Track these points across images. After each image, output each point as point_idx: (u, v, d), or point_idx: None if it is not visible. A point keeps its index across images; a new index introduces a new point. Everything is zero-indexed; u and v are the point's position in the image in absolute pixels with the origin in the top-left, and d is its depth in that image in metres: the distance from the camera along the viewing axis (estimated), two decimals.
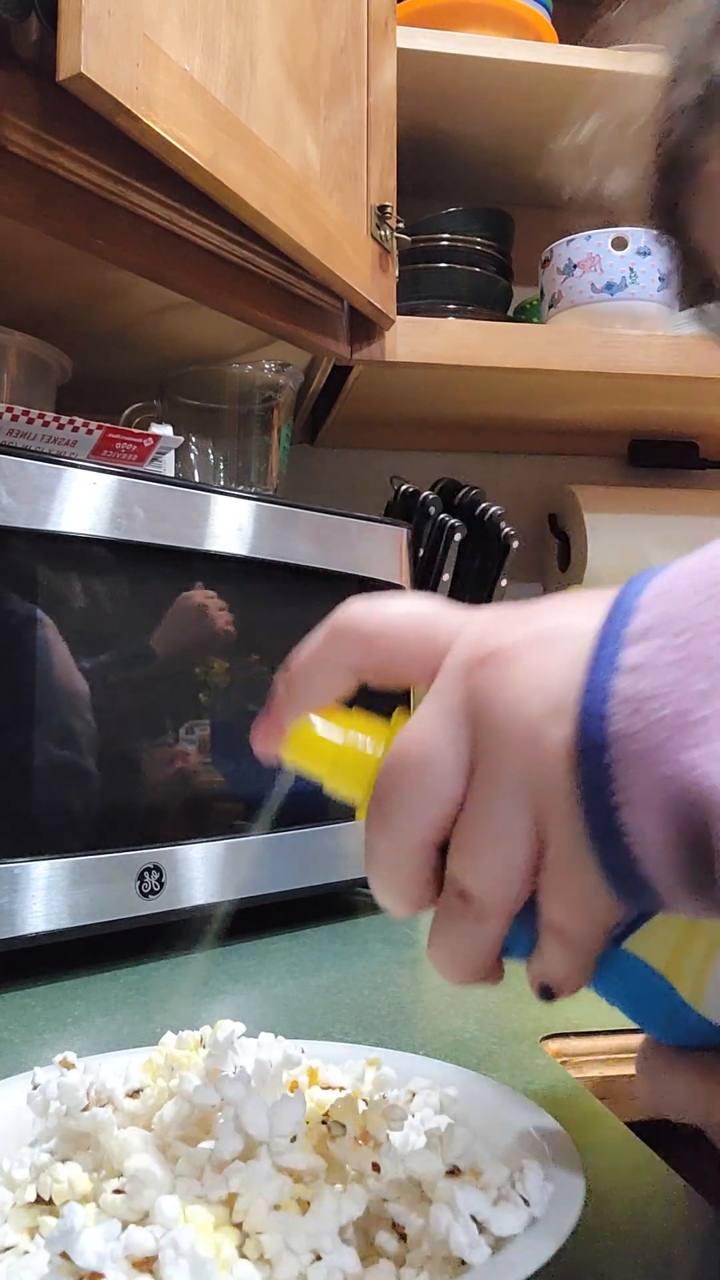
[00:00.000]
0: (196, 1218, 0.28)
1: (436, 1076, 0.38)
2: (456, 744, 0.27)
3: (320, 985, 0.62)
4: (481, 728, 0.26)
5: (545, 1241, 0.28)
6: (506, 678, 0.26)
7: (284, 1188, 0.29)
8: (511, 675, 0.26)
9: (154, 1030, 0.53)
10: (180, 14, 0.66)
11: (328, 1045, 0.40)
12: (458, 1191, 0.29)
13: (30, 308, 0.89)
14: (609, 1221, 0.34)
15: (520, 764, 0.25)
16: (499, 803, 0.26)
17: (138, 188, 0.71)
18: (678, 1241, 0.33)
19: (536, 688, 0.26)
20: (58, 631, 0.63)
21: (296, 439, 1.26)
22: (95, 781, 0.65)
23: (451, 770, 0.27)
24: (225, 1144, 0.30)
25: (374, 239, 0.93)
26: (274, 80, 0.78)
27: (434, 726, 0.27)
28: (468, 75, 1.09)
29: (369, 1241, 0.30)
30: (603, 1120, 0.42)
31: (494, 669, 0.26)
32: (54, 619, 0.63)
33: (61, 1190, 0.30)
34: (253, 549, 0.75)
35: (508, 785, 0.26)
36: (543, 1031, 0.53)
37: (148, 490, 0.68)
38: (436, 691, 0.28)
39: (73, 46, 0.57)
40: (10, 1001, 0.59)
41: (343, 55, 0.89)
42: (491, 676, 0.26)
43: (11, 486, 0.60)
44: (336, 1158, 0.32)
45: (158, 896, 0.67)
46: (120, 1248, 0.27)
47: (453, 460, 1.32)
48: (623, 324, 1.09)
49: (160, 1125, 0.33)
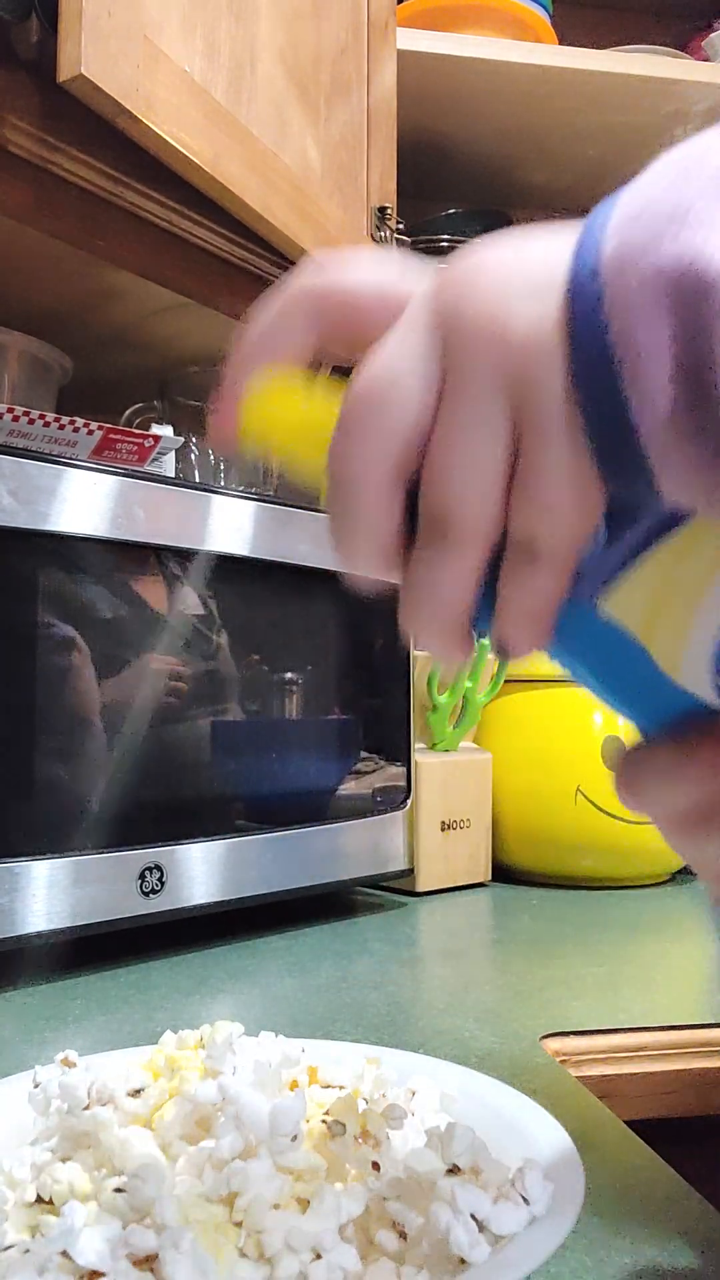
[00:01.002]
0: (197, 1216, 0.28)
1: (436, 1075, 0.38)
2: (425, 359, 0.25)
3: (320, 984, 0.62)
4: (449, 333, 0.24)
5: (545, 1240, 0.28)
6: (473, 281, 0.24)
7: (284, 1187, 0.29)
8: (478, 279, 0.24)
9: (154, 1029, 0.53)
10: (180, 15, 0.66)
11: (328, 1044, 0.41)
12: (458, 1190, 0.29)
13: (31, 308, 0.89)
14: (609, 1221, 0.34)
15: (493, 352, 0.24)
16: (472, 404, 0.24)
17: (138, 188, 0.71)
18: (677, 1241, 0.33)
19: (506, 281, 0.24)
20: (58, 632, 0.63)
21: None
22: (96, 781, 0.65)
23: (419, 383, 0.25)
24: (225, 1143, 0.30)
25: (374, 240, 0.93)
26: (274, 81, 0.78)
27: (399, 345, 0.25)
28: (467, 77, 1.09)
29: (369, 1240, 0.30)
30: (602, 1119, 0.42)
31: (458, 280, 0.25)
32: (54, 619, 0.63)
33: (61, 1191, 0.30)
34: (253, 549, 0.75)
35: (480, 380, 0.24)
36: (542, 1030, 0.53)
37: (148, 491, 0.68)
38: (402, 319, 0.26)
39: (73, 47, 0.57)
40: (11, 1000, 0.59)
41: (343, 57, 0.90)
42: (458, 289, 0.25)
43: (12, 487, 0.61)
44: (337, 1156, 0.32)
45: (158, 896, 0.67)
46: (121, 1246, 0.27)
47: None
48: None
49: (161, 1124, 0.33)
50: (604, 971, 0.64)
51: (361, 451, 0.25)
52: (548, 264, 0.24)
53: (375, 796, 0.84)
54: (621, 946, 0.71)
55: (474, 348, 0.24)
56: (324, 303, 0.28)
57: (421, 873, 0.90)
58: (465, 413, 0.24)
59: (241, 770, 0.74)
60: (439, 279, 0.26)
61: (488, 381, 0.24)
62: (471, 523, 0.25)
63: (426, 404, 0.25)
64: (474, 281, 0.24)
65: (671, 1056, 0.52)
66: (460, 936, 0.77)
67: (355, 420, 0.25)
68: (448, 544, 0.25)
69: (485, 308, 0.24)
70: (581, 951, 0.70)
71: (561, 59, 1.08)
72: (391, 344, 0.25)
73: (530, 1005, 0.57)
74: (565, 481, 0.24)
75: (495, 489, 0.24)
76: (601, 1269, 0.32)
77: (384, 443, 0.25)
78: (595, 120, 1.17)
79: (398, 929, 0.78)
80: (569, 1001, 0.58)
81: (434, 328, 0.25)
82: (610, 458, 0.23)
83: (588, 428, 0.23)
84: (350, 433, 0.25)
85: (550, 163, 1.27)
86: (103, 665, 0.66)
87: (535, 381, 0.23)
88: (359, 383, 0.26)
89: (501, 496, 0.24)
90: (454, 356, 0.24)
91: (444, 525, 0.25)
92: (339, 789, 0.81)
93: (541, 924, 0.80)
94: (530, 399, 0.23)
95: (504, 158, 1.25)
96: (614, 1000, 0.58)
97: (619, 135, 1.20)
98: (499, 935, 0.77)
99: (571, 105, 1.14)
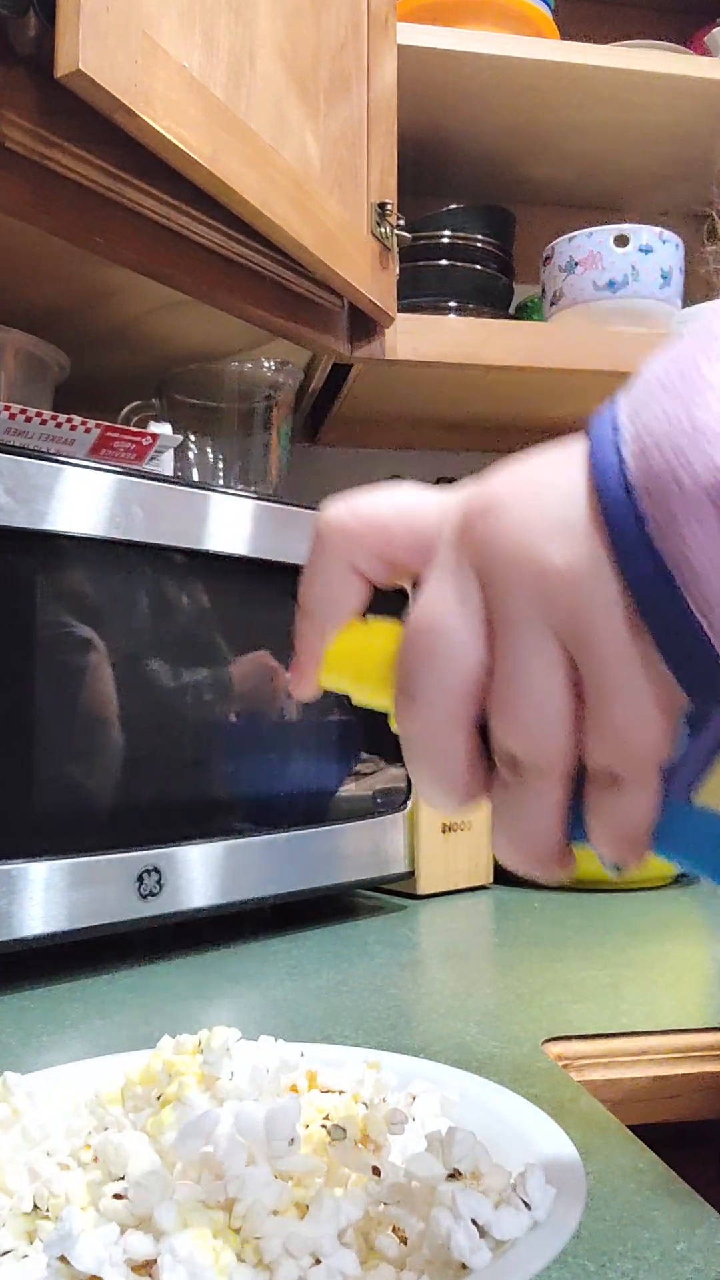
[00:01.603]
0: (196, 1223, 0.28)
1: (437, 1079, 0.38)
2: (467, 604, 0.25)
3: (320, 988, 0.62)
4: (487, 578, 0.25)
5: (547, 1245, 0.27)
6: (500, 522, 0.25)
7: (283, 1193, 0.29)
8: (505, 519, 0.25)
9: (152, 1033, 0.53)
10: (179, 10, 0.66)
11: (328, 1048, 0.40)
12: (459, 1195, 0.29)
13: (28, 306, 0.89)
14: (611, 1226, 0.34)
15: (535, 588, 0.24)
16: (522, 641, 0.24)
17: (136, 185, 0.70)
18: (681, 1247, 0.33)
19: (535, 518, 0.25)
20: (56, 632, 0.63)
21: (296, 437, 1.26)
22: (94, 782, 0.65)
23: (467, 631, 0.25)
24: (223, 1149, 0.30)
25: (374, 236, 0.93)
26: (273, 77, 0.77)
27: (439, 594, 0.26)
28: (468, 71, 1.08)
29: (369, 1245, 0.30)
30: (604, 1123, 0.42)
31: (486, 522, 0.25)
32: (52, 619, 0.63)
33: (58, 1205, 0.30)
34: (252, 549, 0.74)
35: (526, 617, 0.24)
36: (544, 1034, 0.52)
37: (146, 489, 0.68)
38: (436, 565, 0.27)
39: (71, 43, 0.57)
40: (8, 1004, 0.59)
41: (343, 52, 0.89)
42: (486, 529, 0.25)
43: (9, 485, 0.60)
44: (336, 1161, 0.31)
45: (157, 898, 0.66)
46: (119, 1252, 0.27)
47: (453, 459, 1.32)
48: (624, 322, 1.09)
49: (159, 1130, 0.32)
50: (606, 975, 0.64)
51: (425, 704, 0.26)
52: (565, 491, 0.25)
53: (376, 798, 0.83)
54: (624, 950, 0.71)
55: (517, 590, 0.25)
56: (360, 541, 0.29)
57: (422, 875, 0.89)
58: (520, 655, 0.25)
59: (241, 772, 0.74)
60: (462, 516, 0.26)
61: (537, 621, 0.24)
62: (546, 762, 0.25)
63: (479, 650, 0.25)
64: (499, 520, 0.25)
65: (675, 1060, 0.52)
66: (461, 939, 0.77)
67: (413, 678, 0.26)
68: (526, 783, 0.26)
69: (518, 548, 0.25)
70: (583, 955, 0.70)
71: (563, 54, 1.08)
72: (432, 593, 0.26)
73: (532, 1009, 0.57)
74: (640, 707, 0.24)
75: (564, 726, 0.25)
76: (603, 1274, 0.31)
77: (445, 696, 0.26)
78: (597, 115, 1.17)
79: (398, 932, 0.77)
80: (571, 1005, 0.58)
81: (469, 571, 0.26)
82: (687, 674, 0.23)
83: (662, 651, 0.23)
84: (411, 692, 0.26)
85: (551, 158, 1.26)
86: (102, 665, 0.65)
87: (589, 615, 0.24)
88: (410, 639, 0.27)
89: (572, 730, 0.25)
90: (497, 600, 0.25)
91: (518, 766, 0.26)
92: (339, 791, 0.81)
93: (543, 927, 0.79)
94: (587, 632, 0.24)
95: (505, 153, 1.25)
96: (616, 1004, 0.58)
97: (620, 130, 1.20)
98: (500, 938, 0.77)
99: (573, 100, 1.14)
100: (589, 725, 0.25)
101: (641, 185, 1.33)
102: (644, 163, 1.27)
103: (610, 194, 1.34)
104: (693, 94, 1.13)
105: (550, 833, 0.26)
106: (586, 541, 0.24)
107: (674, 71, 1.10)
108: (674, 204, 1.36)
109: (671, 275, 1.10)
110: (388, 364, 1.02)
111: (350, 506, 0.29)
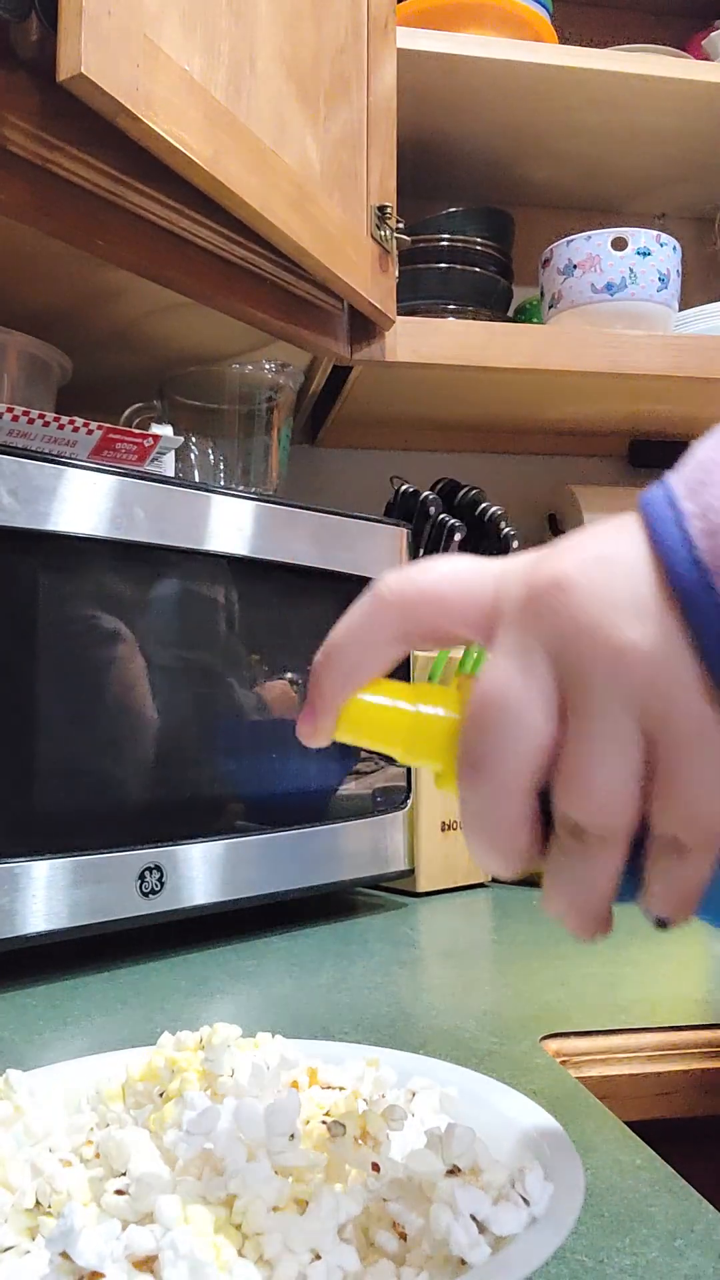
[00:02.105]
0: (196, 1218, 0.28)
1: (436, 1076, 0.38)
2: (539, 681, 0.26)
3: (320, 985, 0.62)
4: (562, 658, 0.26)
5: (545, 1241, 0.28)
6: (571, 602, 0.26)
7: (283, 1189, 0.29)
8: (575, 598, 0.26)
9: (154, 1030, 0.53)
10: (180, 14, 0.66)
11: (327, 1045, 0.40)
12: (458, 1191, 0.29)
13: (30, 308, 0.89)
14: (609, 1221, 0.34)
15: (611, 667, 0.25)
16: (600, 719, 0.25)
17: (137, 188, 0.71)
18: (679, 1242, 0.33)
19: (605, 598, 0.25)
20: (58, 631, 0.63)
21: (297, 439, 1.26)
22: (96, 781, 0.65)
23: (540, 708, 0.26)
24: (223, 1145, 0.30)
25: (374, 239, 0.93)
26: (274, 80, 0.78)
27: (511, 669, 0.27)
28: (467, 75, 1.09)
29: (369, 1241, 0.30)
30: (603, 1119, 0.42)
31: (554, 599, 0.26)
32: (54, 619, 0.63)
33: (60, 1201, 0.30)
34: (253, 549, 0.75)
35: (603, 695, 0.25)
36: (543, 1031, 0.53)
37: (148, 490, 0.68)
38: (503, 639, 0.27)
39: (73, 46, 0.57)
40: (10, 1001, 0.59)
41: (343, 55, 0.89)
42: (555, 608, 0.26)
43: (11, 486, 0.60)
44: (336, 1157, 0.32)
45: (158, 896, 0.67)
46: (121, 1247, 0.27)
47: (453, 460, 1.32)
48: (623, 324, 1.09)
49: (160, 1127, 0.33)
50: (604, 972, 0.64)
51: (493, 777, 0.27)
52: (632, 570, 0.25)
53: (375, 797, 0.84)
54: (622, 947, 0.71)
55: (592, 668, 0.25)
56: (416, 611, 0.30)
57: (422, 873, 0.90)
58: (596, 732, 0.25)
59: (241, 770, 0.74)
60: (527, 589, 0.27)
61: (617, 701, 0.25)
62: (612, 832, 0.26)
63: (550, 724, 0.26)
64: (570, 597, 0.26)
65: (672, 1057, 0.52)
66: (460, 937, 0.77)
67: (480, 749, 0.27)
68: (589, 849, 0.27)
69: (593, 627, 0.25)
70: (582, 952, 0.70)
71: (561, 58, 1.08)
72: (501, 665, 0.27)
73: (531, 1006, 0.57)
74: (714, 781, 0.25)
75: (634, 799, 0.26)
76: (602, 1270, 0.31)
77: (513, 768, 0.27)
78: (595, 119, 1.17)
79: (398, 930, 0.78)
80: (569, 1002, 0.58)
81: (537, 645, 0.26)
82: None
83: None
84: (478, 763, 0.27)
85: (550, 161, 1.27)
86: (103, 665, 0.66)
87: (668, 693, 0.25)
88: (478, 711, 0.27)
89: (639, 802, 0.26)
90: (571, 677, 0.26)
91: (584, 833, 0.26)
92: (339, 789, 0.81)
93: (542, 925, 0.79)
94: (665, 709, 0.25)
95: (504, 156, 1.25)
96: (614, 1001, 0.58)
97: (619, 134, 1.20)
98: (499, 936, 0.77)
99: (572, 104, 1.14)
100: (657, 794, 0.26)
101: (639, 188, 1.33)
102: (642, 166, 1.28)
103: (608, 197, 1.35)
104: (690, 97, 1.13)
105: (606, 896, 0.28)
106: (660, 621, 0.25)
107: (672, 75, 1.11)
108: (672, 207, 1.37)
109: (669, 278, 1.10)
110: (387, 366, 1.02)
111: (409, 576, 0.30)
